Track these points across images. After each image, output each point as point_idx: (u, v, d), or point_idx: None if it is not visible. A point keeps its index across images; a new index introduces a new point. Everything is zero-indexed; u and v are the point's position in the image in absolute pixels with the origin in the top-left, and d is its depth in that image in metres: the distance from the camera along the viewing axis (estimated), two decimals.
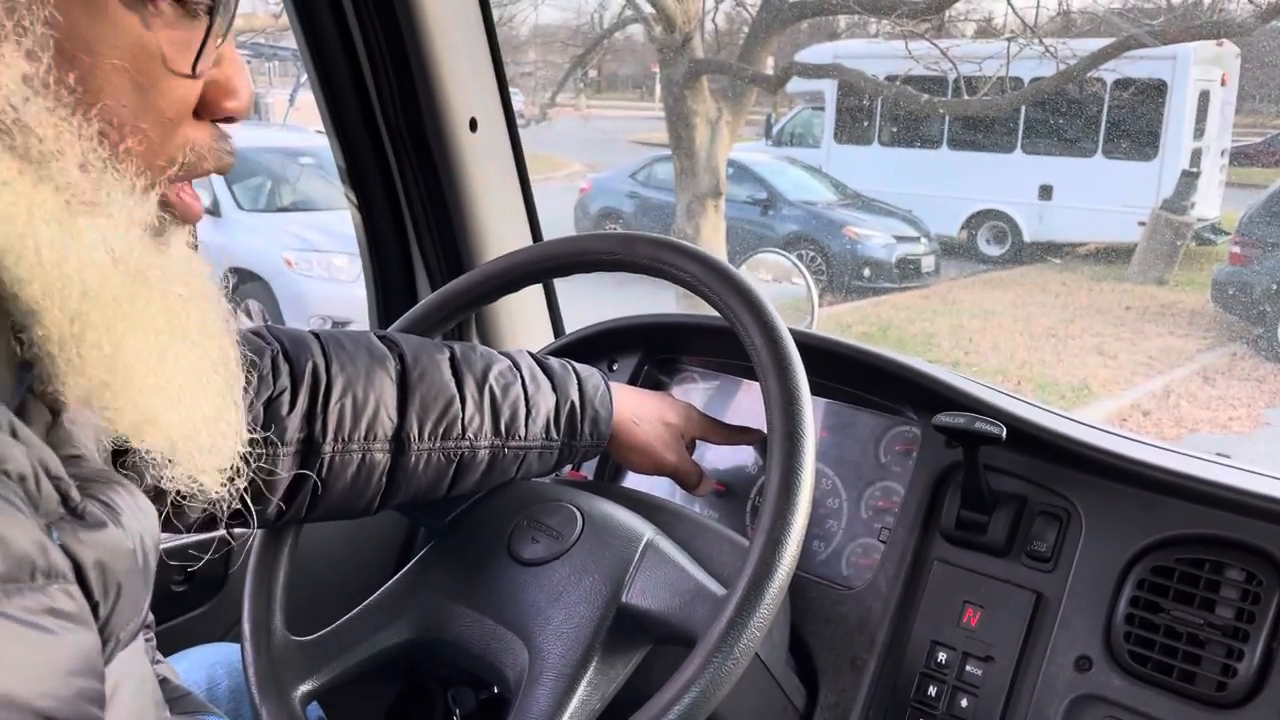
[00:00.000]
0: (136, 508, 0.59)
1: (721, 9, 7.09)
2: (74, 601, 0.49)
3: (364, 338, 0.99)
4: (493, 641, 0.97)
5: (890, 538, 1.14)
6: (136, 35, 0.57)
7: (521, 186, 1.55)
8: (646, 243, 1.04)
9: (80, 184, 0.55)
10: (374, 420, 0.94)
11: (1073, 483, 1.06)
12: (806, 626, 1.14)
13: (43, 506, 0.51)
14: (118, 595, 0.54)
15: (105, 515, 0.55)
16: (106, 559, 0.53)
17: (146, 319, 0.58)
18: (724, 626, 0.80)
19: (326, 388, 0.93)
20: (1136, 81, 7.09)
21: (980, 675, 1.04)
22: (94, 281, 0.55)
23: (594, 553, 0.98)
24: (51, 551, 0.49)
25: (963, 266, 7.66)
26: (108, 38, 0.55)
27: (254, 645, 0.98)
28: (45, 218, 0.53)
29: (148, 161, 0.59)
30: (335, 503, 0.95)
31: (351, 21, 1.34)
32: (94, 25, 0.55)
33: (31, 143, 0.53)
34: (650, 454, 1.14)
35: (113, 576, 0.54)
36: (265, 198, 6.20)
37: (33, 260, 0.53)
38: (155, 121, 0.59)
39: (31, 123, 0.53)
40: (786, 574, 0.83)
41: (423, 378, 0.98)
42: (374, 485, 0.96)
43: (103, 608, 0.53)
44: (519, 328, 1.58)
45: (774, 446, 0.88)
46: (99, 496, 0.56)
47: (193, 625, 1.30)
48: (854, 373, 1.22)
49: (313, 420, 0.91)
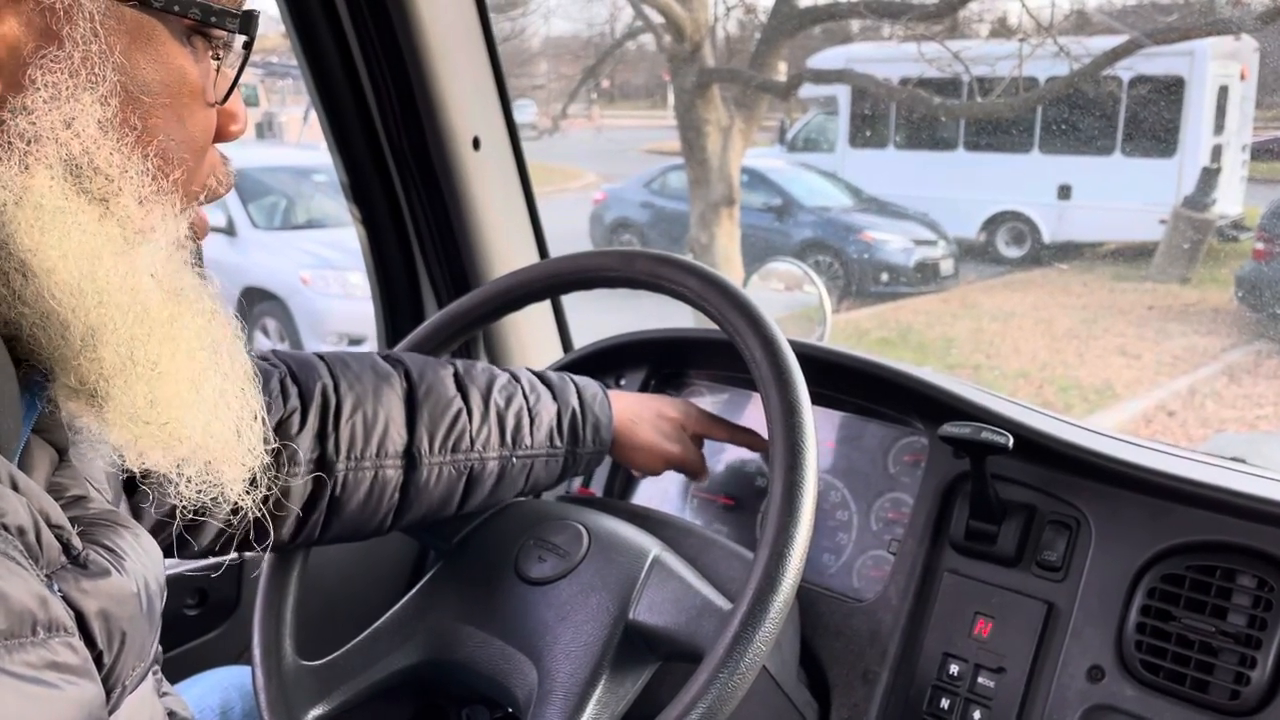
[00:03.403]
0: (141, 550, 0.59)
1: (733, 16, 7.09)
2: (76, 654, 0.49)
3: (368, 358, 1.00)
4: (501, 662, 0.97)
5: (900, 549, 1.13)
6: (184, 72, 0.60)
7: (527, 203, 1.56)
8: (646, 259, 1.04)
9: (136, 216, 0.58)
10: (385, 437, 0.95)
11: (1082, 491, 1.05)
12: (817, 640, 1.13)
13: (44, 557, 0.51)
14: (122, 643, 0.54)
15: (108, 561, 0.55)
16: (110, 607, 0.53)
17: (186, 337, 0.61)
18: (729, 641, 0.80)
19: (336, 407, 0.94)
20: (1153, 78, 7.03)
21: (993, 687, 1.03)
22: (144, 306, 0.58)
23: (600, 570, 0.98)
24: (52, 604, 0.48)
25: (982, 269, 7.61)
26: (162, 77, 0.59)
27: (265, 670, 0.99)
28: (112, 251, 0.56)
29: (186, 189, 0.62)
30: (349, 522, 0.96)
31: (353, 43, 1.35)
32: (152, 67, 0.58)
33: (99, 182, 0.56)
34: (654, 449, 1.15)
35: (116, 624, 0.54)
36: (280, 216, 6.23)
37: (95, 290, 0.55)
38: (193, 151, 0.62)
39: (102, 164, 0.56)
40: (791, 587, 0.82)
41: (429, 393, 0.99)
42: (387, 502, 0.97)
43: (107, 656, 0.53)
44: (527, 344, 1.59)
45: (776, 460, 0.88)
46: (102, 541, 0.56)
47: (206, 649, 1.31)
48: (861, 384, 1.21)
49: (324, 439, 0.93)
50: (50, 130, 0.54)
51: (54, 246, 0.54)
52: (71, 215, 0.55)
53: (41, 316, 0.55)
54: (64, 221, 0.55)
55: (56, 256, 0.54)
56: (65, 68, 0.54)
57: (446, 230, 1.47)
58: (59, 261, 0.54)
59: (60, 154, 0.54)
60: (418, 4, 1.31)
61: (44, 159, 0.54)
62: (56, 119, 0.54)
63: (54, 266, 0.54)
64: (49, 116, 0.54)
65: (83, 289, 0.55)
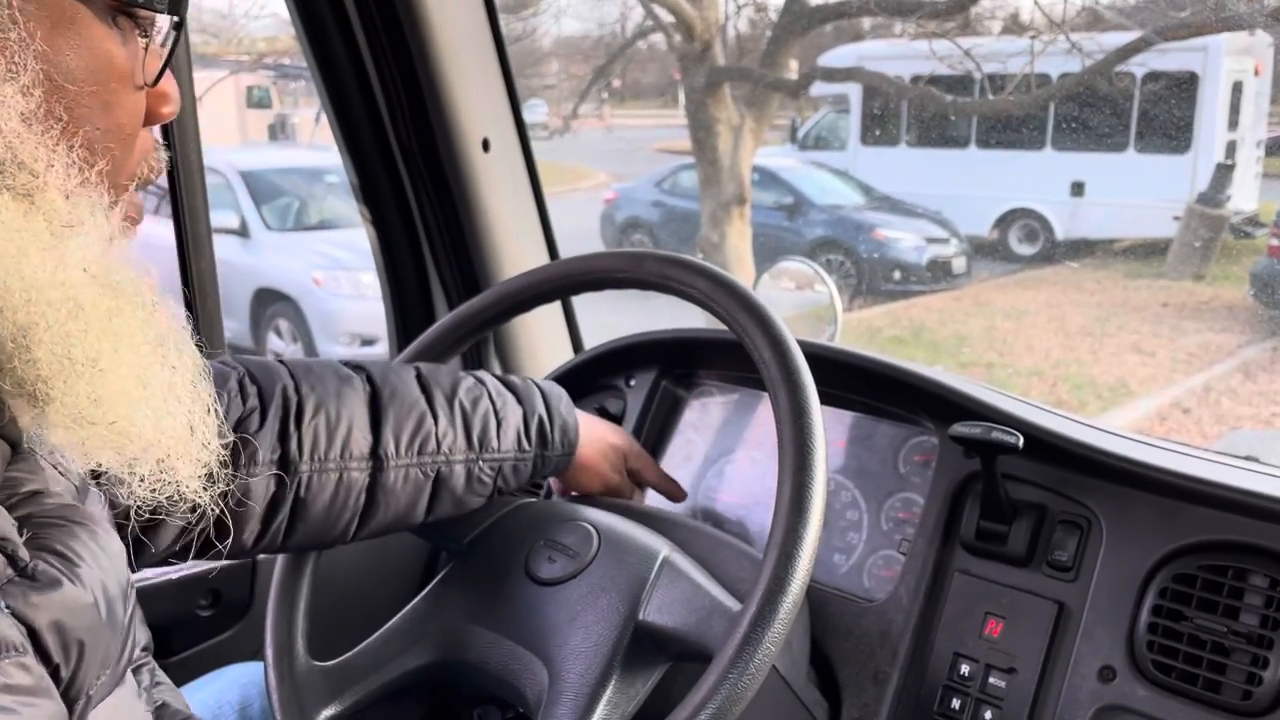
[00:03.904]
0: (99, 551, 0.57)
1: (743, 15, 7.08)
2: (29, 674, 0.47)
3: (330, 363, 0.99)
4: (512, 662, 0.98)
5: (911, 549, 1.13)
6: (110, 56, 0.57)
7: (537, 204, 1.56)
8: (654, 259, 1.04)
9: (63, 210, 0.55)
10: (349, 438, 0.94)
11: (1093, 491, 1.05)
12: (828, 640, 1.13)
13: None
14: (80, 653, 0.52)
15: (60, 570, 0.53)
16: (63, 618, 0.51)
17: (128, 331, 0.58)
18: (739, 642, 0.80)
19: (298, 407, 0.92)
20: (1167, 74, 6.99)
21: (1004, 687, 1.03)
22: (78, 301, 0.55)
23: (611, 571, 0.98)
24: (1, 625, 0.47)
25: (994, 266, 7.58)
26: (87, 63, 0.56)
27: (277, 672, 0.99)
28: (39, 247, 0.53)
29: (114, 180, 0.59)
30: (314, 525, 0.94)
31: (362, 46, 1.36)
32: (76, 52, 0.55)
33: (24, 178, 0.53)
34: (598, 471, 1.15)
35: (72, 635, 0.52)
36: (293, 217, 6.26)
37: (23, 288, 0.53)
38: (120, 138, 0.59)
39: (26, 159, 0.53)
40: (800, 587, 0.82)
41: (393, 396, 0.98)
42: (352, 505, 0.95)
43: (64, 670, 0.51)
44: (538, 345, 1.59)
45: (784, 461, 0.88)
46: (54, 547, 0.54)
47: (221, 648, 1.32)
48: (872, 384, 1.21)
49: (286, 439, 0.91)
50: None
51: None
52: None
53: None
54: None
55: None
56: None
57: (457, 232, 1.47)
58: None
59: None
60: (427, 6, 1.32)
61: None
62: None
63: None
64: None
65: (9, 287, 0.52)
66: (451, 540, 1.09)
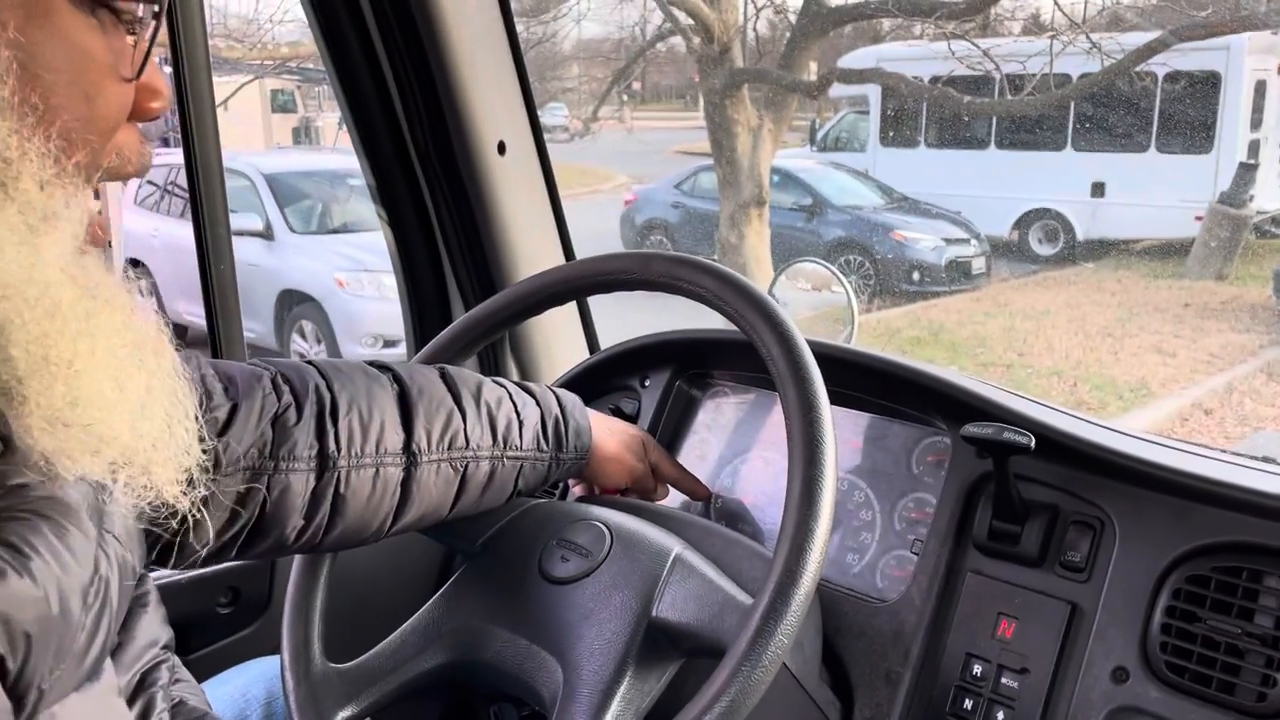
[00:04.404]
0: (60, 547, 0.56)
1: (762, 17, 7.08)
2: None
3: (356, 363, 1.00)
4: (527, 661, 0.98)
5: (923, 549, 1.13)
6: (89, 47, 0.57)
7: (552, 207, 1.57)
8: (662, 260, 1.05)
9: (38, 202, 0.54)
10: (383, 433, 0.94)
11: (1106, 491, 1.05)
12: (840, 640, 1.13)
13: None
14: (28, 646, 0.52)
15: (9, 562, 0.52)
16: (8, 610, 0.51)
17: (105, 334, 0.57)
18: (751, 635, 0.80)
19: (332, 404, 0.92)
20: (1188, 74, 6.94)
21: (1016, 688, 1.03)
22: (55, 300, 0.54)
23: (623, 569, 0.98)
24: None
25: (1014, 267, 7.55)
26: (64, 52, 0.55)
27: (294, 673, 1.00)
28: (14, 242, 0.52)
29: (88, 173, 0.59)
30: (352, 522, 0.94)
31: (379, 49, 1.37)
32: (51, 42, 0.55)
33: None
34: (624, 462, 1.16)
35: (18, 627, 0.51)
36: (316, 220, 6.31)
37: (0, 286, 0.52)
38: (99, 131, 0.59)
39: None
40: (812, 580, 0.83)
41: (421, 393, 0.98)
42: (388, 501, 0.95)
43: (10, 661, 0.51)
44: (554, 345, 1.60)
45: (794, 455, 0.89)
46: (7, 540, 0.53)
47: (240, 645, 1.33)
48: (884, 384, 1.21)
49: (323, 435, 0.91)
50: None
51: None
52: None
53: None
54: None
55: None
56: None
57: (473, 234, 1.48)
58: None
59: None
60: (443, 10, 1.33)
61: None
62: None
63: None
64: None
65: None
66: (465, 541, 1.10)
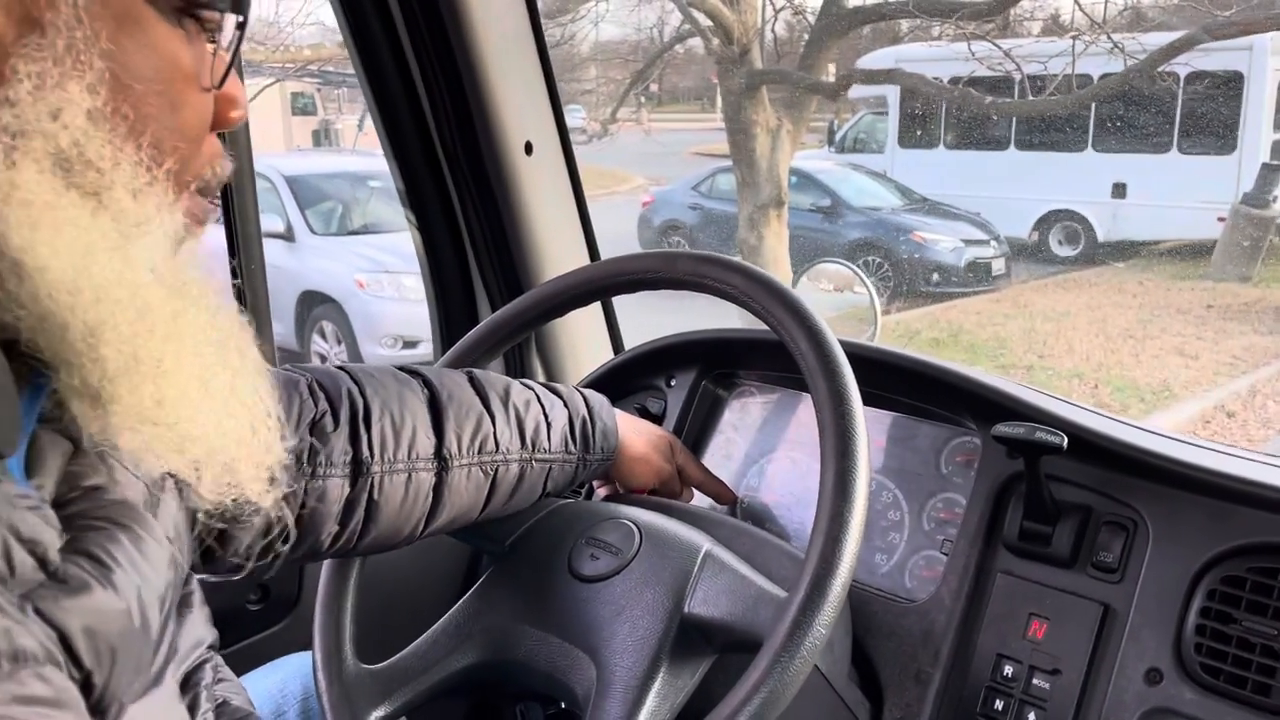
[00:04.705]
0: (139, 557, 0.56)
1: (781, 18, 7.07)
2: (49, 685, 0.46)
3: (387, 368, 1.01)
4: (559, 659, 0.99)
5: (953, 550, 1.13)
6: (176, 57, 0.57)
7: (578, 207, 1.57)
8: (688, 259, 1.05)
9: (130, 210, 0.55)
10: (414, 439, 0.95)
11: (1139, 492, 1.04)
12: (869, 640, 1.13)
13: (17, 576, 0.48)
14: (113, 660, 0.52)
15: (92, 574, 0.52)
16: (95, 623, 0.50)
17: (191, 333, 0.58)
18: (788, 627, 0.80)
19: (365, 410, 0.93)
20: (1211, 74, 6.89)
21: (1048, 689, 1.03)
22: (144, 302, 0.55)
23: (654, 566, 0.99)
24: (17, 635, 0.45)
25: (1034, 269, 7.51)
26: (154, 62, 0.56)
27: (326, 675, 1.01)
28: (107, 247, 0.54)
29: (180, 180, 0.59)
30: (385, 527, 0.95)
31: (407, 50, 1.38)
32: (142, 52, 0.55)
33: (91, 176, 0.53)
34: (651, 462, 1.17)
35: (104, 640, 0.51)
36: (337, 221, 6.34)
37: (92, 288, 0.53)
38: (186, 140, 0.59)
39: (92, 157, 0.53)
40: (848, 571, 0.83)
41: (451, 397, 0.99)
42: (421, 506, 0.96)
43: (97, 676, 0.51)
44: (579, 346, 1.60)
45: (826, 448, 0.88)
46: (89, 550, 0.53)
47: (270, 641, 1.34)
48: (913, 384, 1.21)
49: (357, 441, 0.92)
50: (36, 123, 0.51)
51: (45, 244, 0.51)
52: (63, 211, 0.52)
53: (39, 318, 0.52)
54: (55, 218, 0.52)
55: (49, 254, 0.51)
56: (49, 56, 0.51)
57: (499, 235, 1.49)
58: (51, 259, 0.51)
59: (48, 147, 0.52)
60: (471, 11, 1.34)
61: (31, 153, 0.51)
62: (42, 111, 0.51)
63: (47, 265, 0.51)
64: (34, 109, 0.51)
65: (79, 286, 0.52)
66: (493, 542, 1.10)
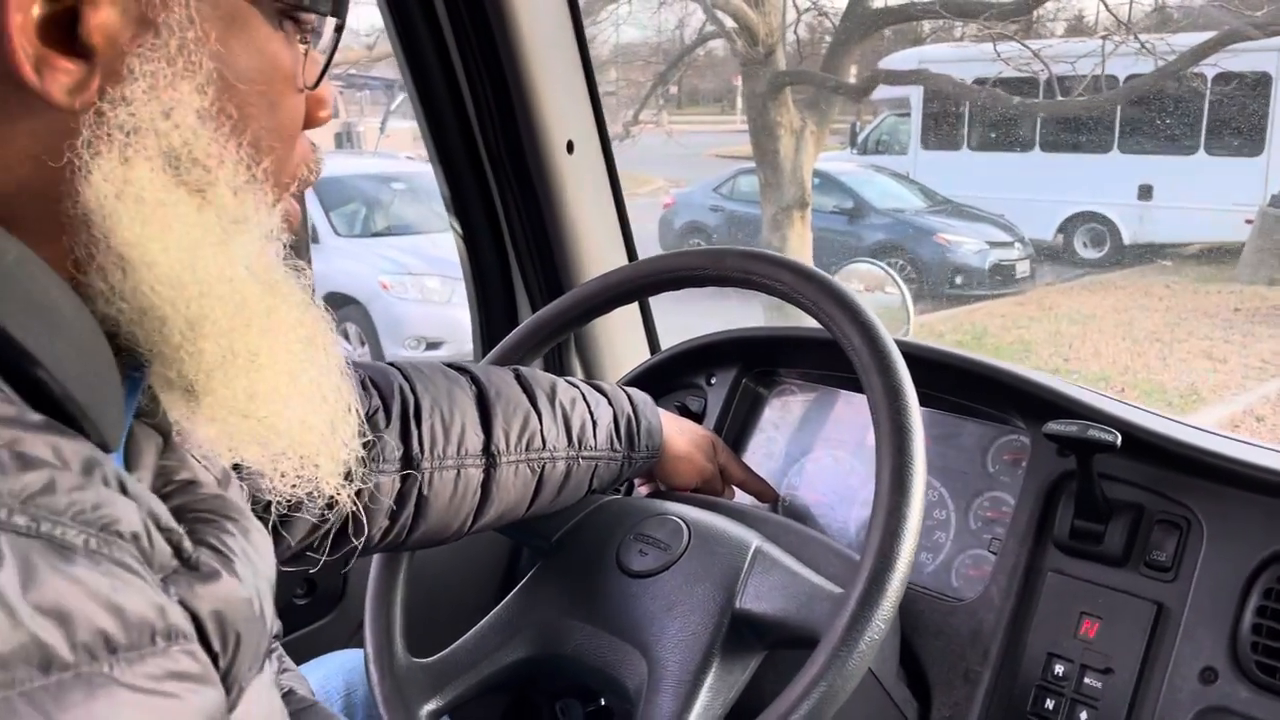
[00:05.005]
0: (250, 548, 0.57)
1: (804, 19, 7.06)
2: (196, 661, 0.47)
3: (436, 365, 1.02)
4: (609, 654, 0.99)
5: (1001, 549, 1.12)
6: (277, 58, 0.59)
7: (617, 206, 1.58)
8: (735, 255, 1.06)
9: (231, 207, 0.56)
10: (463, 435, 0.96)
11: (1192, 490, 1.03)
12: (916, 639, 1.12)
13: (156, 561, 0.49)
14: (237, 645, 0.53)
15: (218, 563, 0.54)
16: (223, 609, 0.52)
17: (283, 329, 0.59)
18: (847, 620, 0.80)
19: (416, 407, 0.95)
20: (1239, 75, 6.84)
21: (1100, 688, 1.02)
22: (242, 297, 0.57)
23: (703, 562, 0.99)
24: (170, 612, 0.47)
25: (1059, 271, 7.46)
26: (257, 63, 0.57)
27: (378, 668, 1.02)
28: (210, 242, 0.55)
29: (277, 178, 0.61)
30: (435, 523, 0.96)
31: (452, 49, 1.38)
32: (247, 53, 0.57)
33: (198, 173, 0.55)
34: (694, 460, 1.17)
35: (231, 626, 0.52)
36: (360, 223, 6.37)
37: (195, 283, 0.54)
38: (282, 139, 0.61)
39: (200, 155, 0.54)
40: (907, 566, 0.83)
41: (499, 395, 1.00)
42: (469, 501, 0.98)
43: (223, 659, 0.52)
44: (617, 346, 1.60)
45: (882, 443, 0.88)
46: (210, 542, 0.55)
47: (316, 635, 1.35)
48: (958, 381, 1.21)
49: (408, 438, 0.93)
50: (150, 121, 0.53)
51: (155, 239, 0.53)
52: (172, 207, 0.53)
53: (139, 312, 0.54)
54: (165, 214, 0.53)
55: (158, 250, 0.53)
56: (162, 56, 0.52)
57: (541, 234, 1.49)
58: (160, 254, 0.53)
59: (160, 145, 0.53)
60: (516, 10, 1.34)
61: (144, 150, 0.53)
62: (155, 109, 0.53)
63: (155, 259, 0.53)
64: (148, 107, 0.52)
65: (183, 281, 0.54)
66: (539, 538, 1.10)
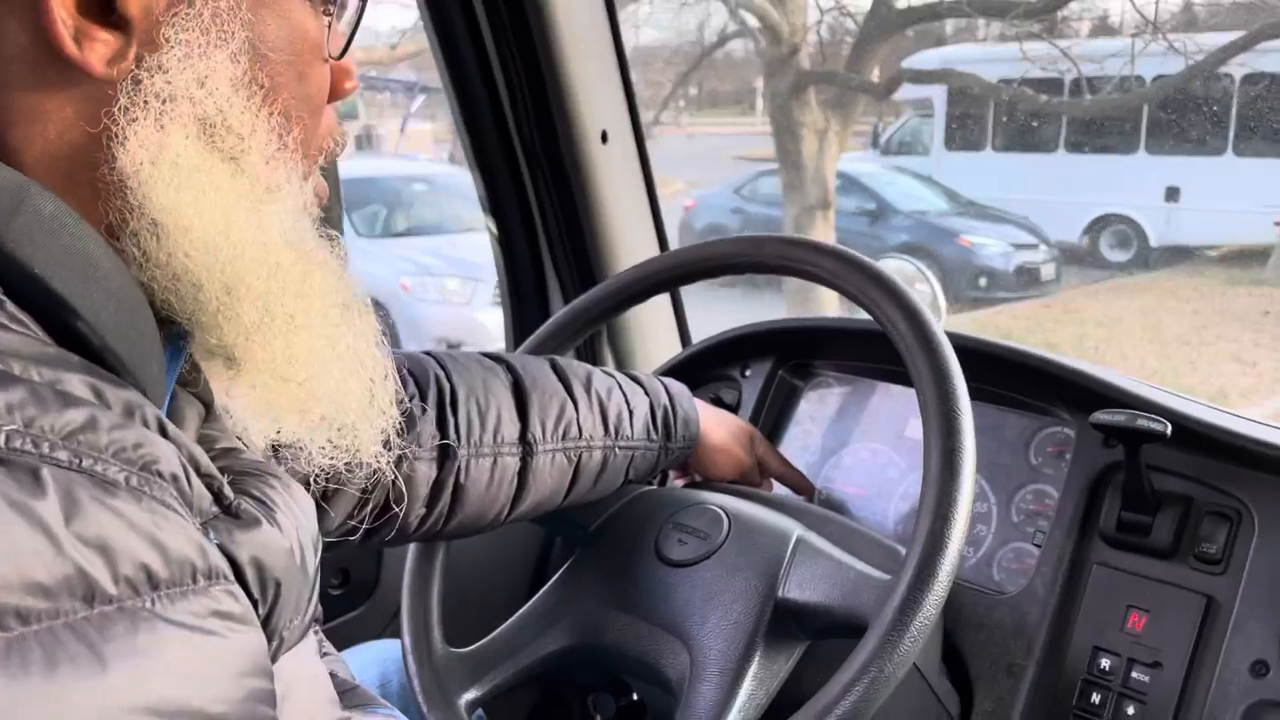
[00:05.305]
0: (292, 502, 0.58)
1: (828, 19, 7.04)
2: (238, 602, 0.48)
3: (471, 354, 1.02)
4: (650, 644, 0.98)
5: (1046, 541, 1.10)
6: (305, 28, 0.60)
7: (649, 198, 1.57)
8: (776, 242, 1.05)
9: (264, 175, 0.57)
10: (499, 424, 0.96)
11: (1243, 481, 1.01)
12: (958, 632, 1.11)
13: (195, 505, 0.50)
14: (277, 593, 0.53)
15: (259, 512, 0.54)
16: (263, 556, 0.52)
17: (319, 294, 0.60)
18: (898, 605, 0.79)
19: (452, 394, 0.95)
20: (1268, 75, 6.76)
21: (1147, 682, 1.00)
22: (276, 261, 0.58)
23: (744, 551, 0.98)
24: (210, 552, 0.47)
25: (1085, 274, 7.39)
26: (286, 33, 0.58)
27: (416, 657, 1.02)
28: (244, 208, 0.56)
29: (305, 149, 0.62)
30: (470, 511, 0.97)
31: (487, 39, 1.38)
32: (277, 22, 0.58)
33: (231, 141, 0.56)
34: (732, 452, 1.16)
35: (270, 574, 0.53)
36: (381, 224, 6.39)
37: (229, 247, 0.55)
38: (309, 110, 0.62)
39: (234, 123, 0.56)
40: (957, 551, 0.81)
41: (535, 384, 1.00)
42: (506, 490, 0.97)
43: (261, 607, 0.52)
44: (649, 339, 1.60)
45: (930, 428, 0.87)
46: (252, 492, 0.55)
47: (351, 625, 1.35)
48: (1000, 372, 1.19)
49: (444, 425, 0.93)
50: (185, 89, 0.54)
51: (190, 205, 0.54)
52: (206, 173, 0.55)
53: (172, 278, 0.55)
54: (199, 180, 0.55)
55: (192, 214, 0.54)
56: (196, 25, 0.54)
57: (574, 224, 1.49)
58: (195, 219, 0.54)
59: (195, 113, 0.54)
60: (552, 1, 1.34)
61: (179, 118, 0.54)
62: (190, 78, 0.54)
63: (190, 224, 0.54)
64: (183, 75, 0.54)
65: (217, 245, 0.55)
66: (576, 528, 1.10)
